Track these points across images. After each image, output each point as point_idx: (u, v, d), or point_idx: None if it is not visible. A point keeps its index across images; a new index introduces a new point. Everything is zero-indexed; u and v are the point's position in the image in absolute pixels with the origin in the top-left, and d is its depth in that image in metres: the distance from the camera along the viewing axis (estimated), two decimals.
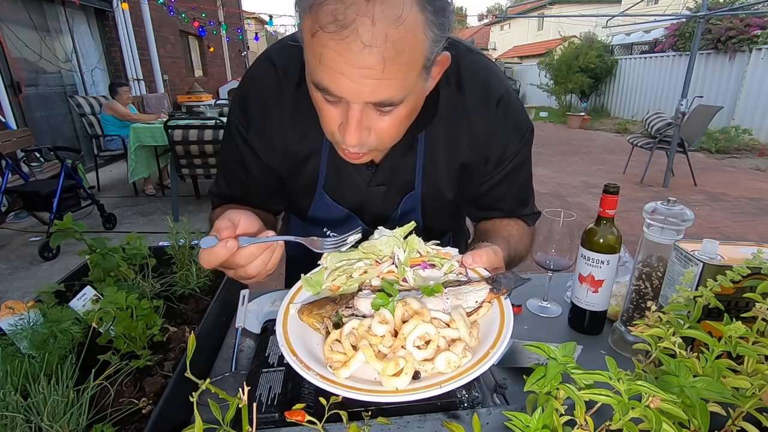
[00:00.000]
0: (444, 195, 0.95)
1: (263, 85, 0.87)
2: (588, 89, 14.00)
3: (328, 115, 0.69)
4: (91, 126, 5.71)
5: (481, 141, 0.89)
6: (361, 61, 0.58)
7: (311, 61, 0.63)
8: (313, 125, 0.85)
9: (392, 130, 0.71)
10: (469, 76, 0.86)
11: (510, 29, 30.84)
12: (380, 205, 0.96)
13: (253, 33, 15.00)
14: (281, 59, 0.86)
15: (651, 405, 0.41)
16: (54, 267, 3.57)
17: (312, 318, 0.64)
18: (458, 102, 0.86)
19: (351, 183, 0.93)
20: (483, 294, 0.63)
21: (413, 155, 0.90)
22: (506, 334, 0.58)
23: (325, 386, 0.53)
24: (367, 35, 0.56)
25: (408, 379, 0.54)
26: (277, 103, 0.87)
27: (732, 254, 0.72)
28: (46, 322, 0.73)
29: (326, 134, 0.75)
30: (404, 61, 0.60)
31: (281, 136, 0.89)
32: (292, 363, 0.57)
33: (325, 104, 0.68)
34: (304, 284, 0.72)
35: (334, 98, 0.65)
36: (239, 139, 0.91)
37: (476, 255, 0.70)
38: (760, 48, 8.85)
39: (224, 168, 1.00)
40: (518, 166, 0.94)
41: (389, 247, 0.71)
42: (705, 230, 4.46)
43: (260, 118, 0.88)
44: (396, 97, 0.64)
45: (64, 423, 0.58)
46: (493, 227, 1.00)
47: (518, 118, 0.91)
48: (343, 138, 0.68)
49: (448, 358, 0.55)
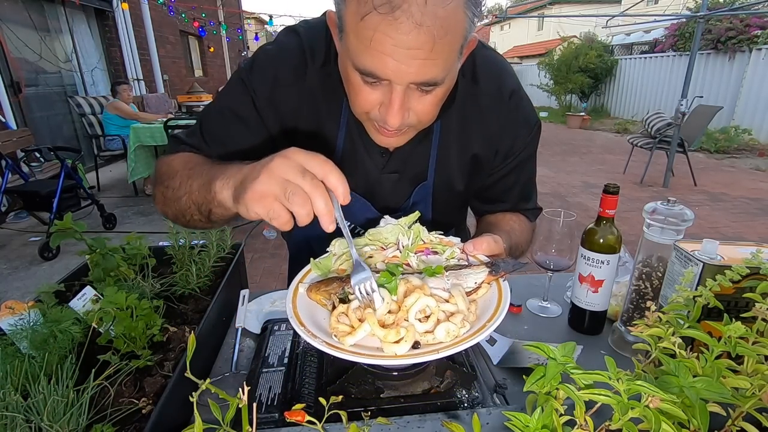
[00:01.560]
0: (455, 186, 0.97)
1: (289, 55, 0.85)
2: (588, 89, 14.00)
3: (366, 97, 0.69)
4: (91, 126, 5.71)
5: (493, 133, 0.91)
6: (412, 41, 0.59)
7: (356, 46, 0.63)
8: (332, 108, 0.86)
9: (432, 110, 0.72)
10: (484, 69, 0.88)
11: (510, 29, 30.84)
12: (391, 194, 0.97)
13: (253, 33, 14.99)
14: (309, 36, 0.85)
15: (651, 405, 0.41)
16: (54, 267, 3.57)
17: (320, 295, 0.67)
18: (473, 94, 0.88)
19: (363, 169, 0.93)
20: (482, 276, 0.66)
21: (428, 144, 0.91)
22: (503, 309, 0.62)
23: (331, 351, 0.57)
24: (419, 14, 0.57)
25: (407, 347, 0.57)
26: (299, 78, 0.85)
27: (732, 254, 0.72)
28: (46, 322, 0.73)
29: (358, 115, 0.75)
30: (449, 40, 0.62)
31: (296, 109, 0.87)
32: (301, 332, 0.60)
33: (364, 87, 0.68)
34: (313, 267, 0.75)
35: (377, 80, 0.65)
36: (243, 93, 0.86)
37: (477, 242, 0.72)
38: (760, 48, 8.85)
39: (209, 118, 0.91)
40: (525, 160, 0.97)
41: (394, 235, 0.74)
42: (705, 230, 4.46)
43: (277, 84, 0.85)
44: (440, 77, 0.65)
45: (64, 423, 0.58)
46: (495, 221, 1.02)
47: (528, 113, 0.94)
48: (385, 119, 0.69)
49: (447, 327, 0.58)
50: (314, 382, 0.76)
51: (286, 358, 0.81)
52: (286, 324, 0.92)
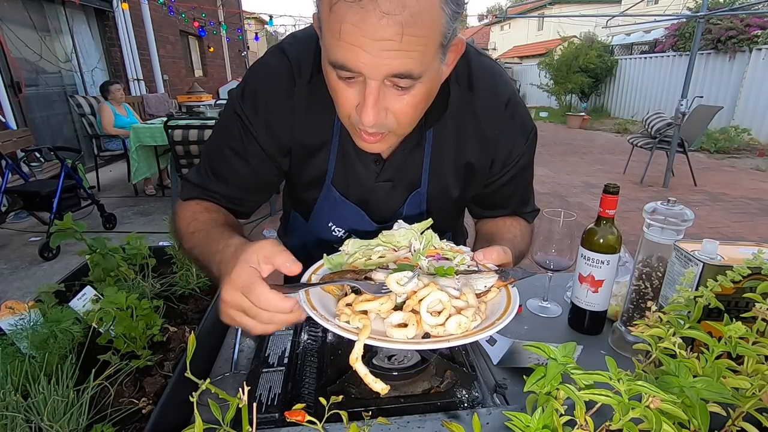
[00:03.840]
0: (450, 193, 0.96)
1: (276, 77, 0.86)
2: (588, 89, 14.00)
3: (344, 96, 0.69)
4: (91, 126, 5.71)
5: (489, 142, 0.91)
6: (380, 31, 0.59)
7: (329, 39, 0.63)
8: (323, 118, 0.86)
9: (410, 111, 0.71)
10: (480, 77, 0.87)
11: (510, 29, 30.85)
12: (386, 202, 0.97)
13: (253, 33, 14.99)
14: (294, 52, 0.85)
15: (651, 405, 0.41)
16: (54, 267, 3.57)
17: (333, 286, 0.68)
18: (468, 102, 0.87)
19: (357, 178, 0.93)
20: (492, 281, 0.67)
21: (421, 152, 0.91)
22: (513, 308, 0.63)
23: (343, 333, 0.58)
24: (386, 4, 0.57)
25: (414, 330, 0.58)
26: (289, 96, 0.86)
27: (732, 254, 0.72)
28: (46, 322, 0.73)
29: (342, 119, 0.75)
30: (422, 33, 0.61)
31: (290, 128, 0.88)
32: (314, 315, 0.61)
33: (341, 85, 0.68)
34: (326, 263, 0.75)
35: (352, 75, 0.65)
36: (240, 127, 0.88)
37: (487, 252, 0.73)
38: (760, 48, 8.85)
39: (212, 156, 0.94)
40: (524, 167, 0.97)
41: (406, 239, 0.75)
42: (705, 230, 4.46)
43: (269, 110, 0.87)
44: (414, 71, 0.64)
45: (64, 423, 0.58)
46: (497, 228, 1.01)
47: (524, 121, 0.93)
48: (360, 117, 0.68)
49: (459, 320, 0.59)
50: (314, 382, 0.76)
51: (286, 358, 0.81)
52: None
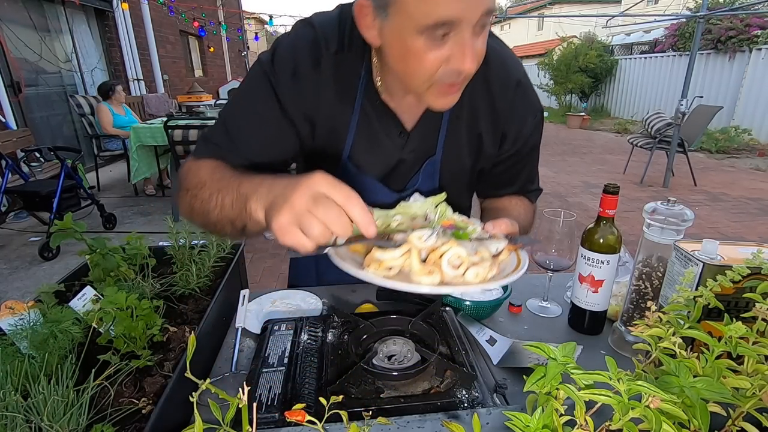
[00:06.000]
0: (462, 162, 0.99)
1: (305, 46, 0.87)
2: (588, 89, 13.99)
3: (434, 57, 0.70)
4: (91, 126, 5.70)
5: (501, 116, 0.94)
6: None
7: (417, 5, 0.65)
8: (346, 93, 0.89)
9: (484, 51, 0.74)
10: (493, 53, 0.89)
11: (510, 29, 30.81)
12: (403, 173, 0.99)
13: (253, 33, 15.01)
14: (322, 26, 0.87)
15: (651, 405, 0.41)
16: (54, 267, 3.57)
17: (358, 246, 0.72)
18: (482, 74, 0.88)
19: (382, 151, 0.95)
20: (503, 244, 0.74)
21: (439, 118, 0.93)
22: (524, 265, 0.70)
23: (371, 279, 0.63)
24: None
25: (437, 279, 0.64)
26: (316, 68, 0.86)
27: (732, 254, 0.72)
28: (46, 322, 0.73)
29: (418, 85, 0.75)
30: None
31: (316, 97, 0.88)
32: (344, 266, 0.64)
33: (431, 48, 0.69)
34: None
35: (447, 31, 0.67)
36: (266, 89, 0.87)
37: (496, 223, 0.76)
38: (760, 48, 8.84)
39: (234, 124, 0.91)
40: (534, 146, 1.02)
41: (422, 210, 0.79)
42: (705, 230, 4.46)
43: (298, 76, 0.87)
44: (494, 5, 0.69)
45: (64, 423, 0.58)
46: (502, 206, 1.06)
47: (534, 100, 0.97)
48: (462, 67, 0.70)
49: (477, 271, 0.65)
50: (314, 382, 0.76)
51: (286, 358, 0.81)
52: (286, 324, 0.92)
